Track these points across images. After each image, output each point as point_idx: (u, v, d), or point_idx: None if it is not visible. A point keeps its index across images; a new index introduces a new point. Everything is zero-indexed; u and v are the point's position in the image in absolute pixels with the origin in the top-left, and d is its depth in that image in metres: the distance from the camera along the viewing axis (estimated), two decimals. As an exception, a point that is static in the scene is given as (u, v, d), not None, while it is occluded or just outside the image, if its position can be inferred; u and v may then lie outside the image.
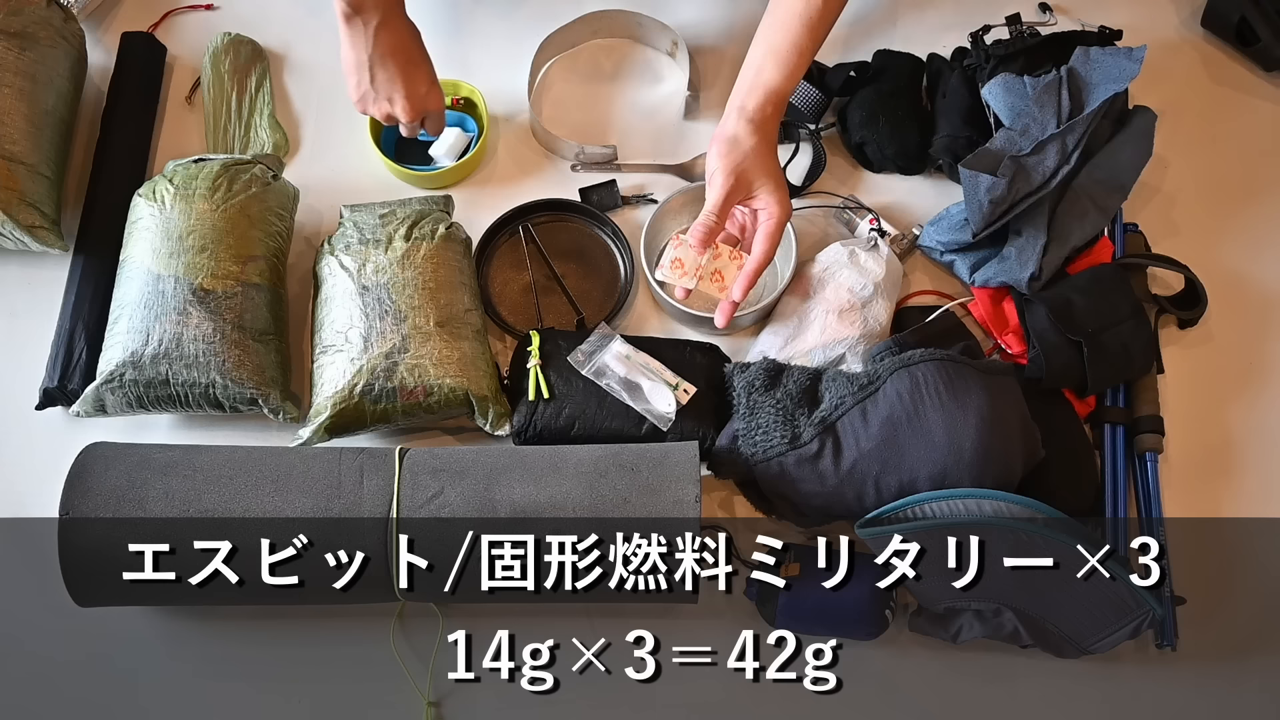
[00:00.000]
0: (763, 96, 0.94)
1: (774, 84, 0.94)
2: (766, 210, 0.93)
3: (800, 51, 0.94)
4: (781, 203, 0.93)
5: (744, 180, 0.92)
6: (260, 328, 0.95)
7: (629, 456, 0.86)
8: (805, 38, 0.94)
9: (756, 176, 0.93)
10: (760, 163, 0.92)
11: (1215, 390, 1.02)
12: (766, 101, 0.93)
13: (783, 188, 0.94)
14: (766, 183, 0.93)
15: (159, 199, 0.97)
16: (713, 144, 0.94)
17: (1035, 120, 0.99)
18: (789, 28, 0.95)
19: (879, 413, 0.87)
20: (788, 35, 0.95)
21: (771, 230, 0.92)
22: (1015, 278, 0.96)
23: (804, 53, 0.94)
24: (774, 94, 0.94)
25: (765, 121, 0.93)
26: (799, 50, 0.94)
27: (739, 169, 0.92)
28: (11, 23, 1.03)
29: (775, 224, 0.92)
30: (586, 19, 1.17)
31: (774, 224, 0.92)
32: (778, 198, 0.93)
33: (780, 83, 0.94)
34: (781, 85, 0.94)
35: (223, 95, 1.14)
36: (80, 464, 0.84)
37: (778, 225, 0.93)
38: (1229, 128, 1.15)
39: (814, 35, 0.94)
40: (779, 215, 0.93)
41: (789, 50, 0.94)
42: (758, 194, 0.93)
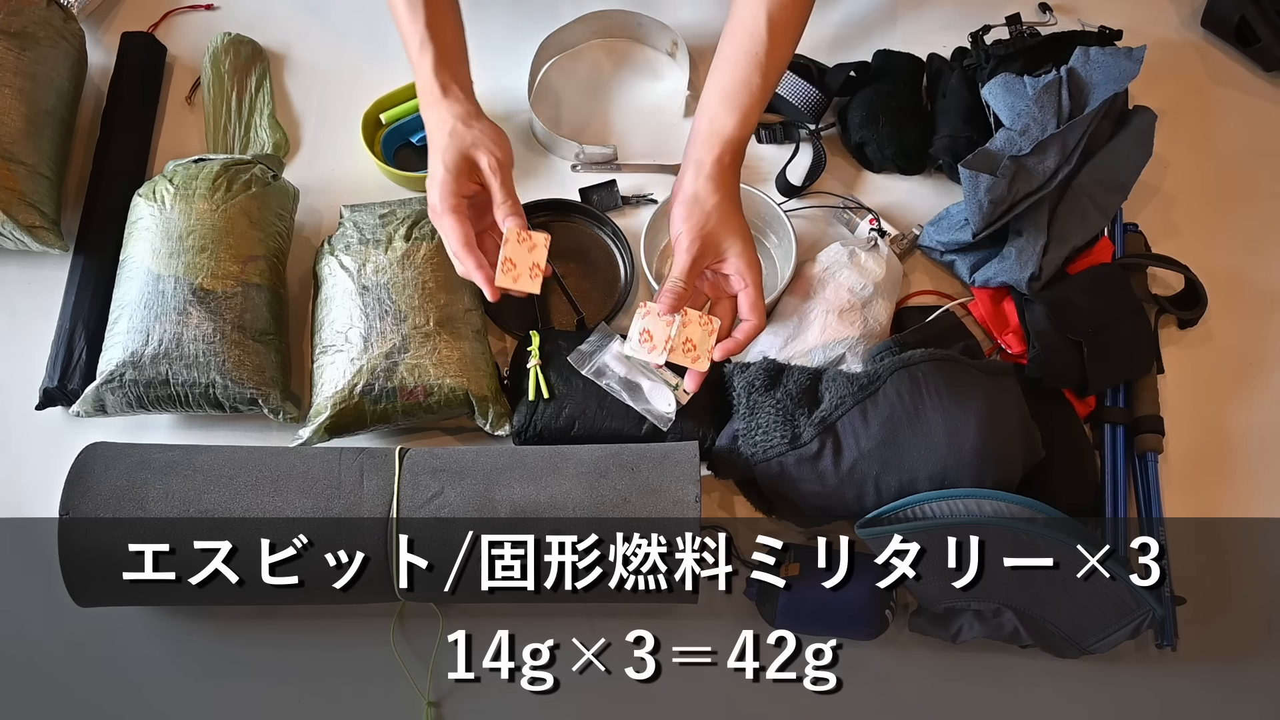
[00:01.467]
0: (719, 147, 0.90)
1: (728, 131, 0.90)
2: (740, 276, 0.89)
3: (751, 91, 0.91)
4: (752, 265, 0.89)
5: (711, 243, 0.89)
6: (260, 328, 0.95)
7: (629, 456, 0.86)
8: (755, 75, 0.91)
9: (724, 237, 0.89)
10: (725, 222, 0.89)
11: (1215, 390, 1.02)
12: (724, 152, 0.90)
13: (750, 246, 0.90)
14: (734, 243, 0.89)
15: (159, 199, 0.97)
16: (674, 204, 0.90)
17: (1035, 120, 0.99)
18: (738, 67, 0.92)
19: (879, 413, 0.87)
20: (736, 75, 0.92)
21: (754, 299, 0.89)
22: (1015, 278, 0.96)
23: (755, 91, 0.91)
24: (730, 142, 0.90)
25: (724, 173, 0.90)
26: (749, 90, 0.91)
27: (704, 232, 0.88)
28: (11, 23, 1.03)
29: (756, 290, 0.89)
30: (586, 19, 1.17)
31: (754, 291, 0.89)
32: (747, 260, 0.89)
33: (734, 129, 0.90)
34: (735, 131, 0.90)
35: (223, 95, 1.14)
36: (80, 464, 0.84)
37: (758, 290, 0.89)
38: (1229, 128, 1.15)
39: (765, 73, 0.91)
40: (753, 279, 0.89)
41: (739, 91, 0.91)
42: (727, 256, 0.90)
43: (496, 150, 0.90)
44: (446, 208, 0.89)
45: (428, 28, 0.93)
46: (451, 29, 0.95)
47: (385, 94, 1.11)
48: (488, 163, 0.89)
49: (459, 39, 0.96)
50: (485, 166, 0.89)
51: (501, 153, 0.90)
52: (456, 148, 0.89)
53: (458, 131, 0.90)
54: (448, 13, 0.96)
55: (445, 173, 0.89)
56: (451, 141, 0.89)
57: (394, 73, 1.14)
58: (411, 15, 0.93)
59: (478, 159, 0.90)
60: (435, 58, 0.92)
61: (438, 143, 0.90)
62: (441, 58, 0.93)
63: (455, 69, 0.94)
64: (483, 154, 0.89)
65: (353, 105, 1.12)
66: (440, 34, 0.93)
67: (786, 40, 0.94)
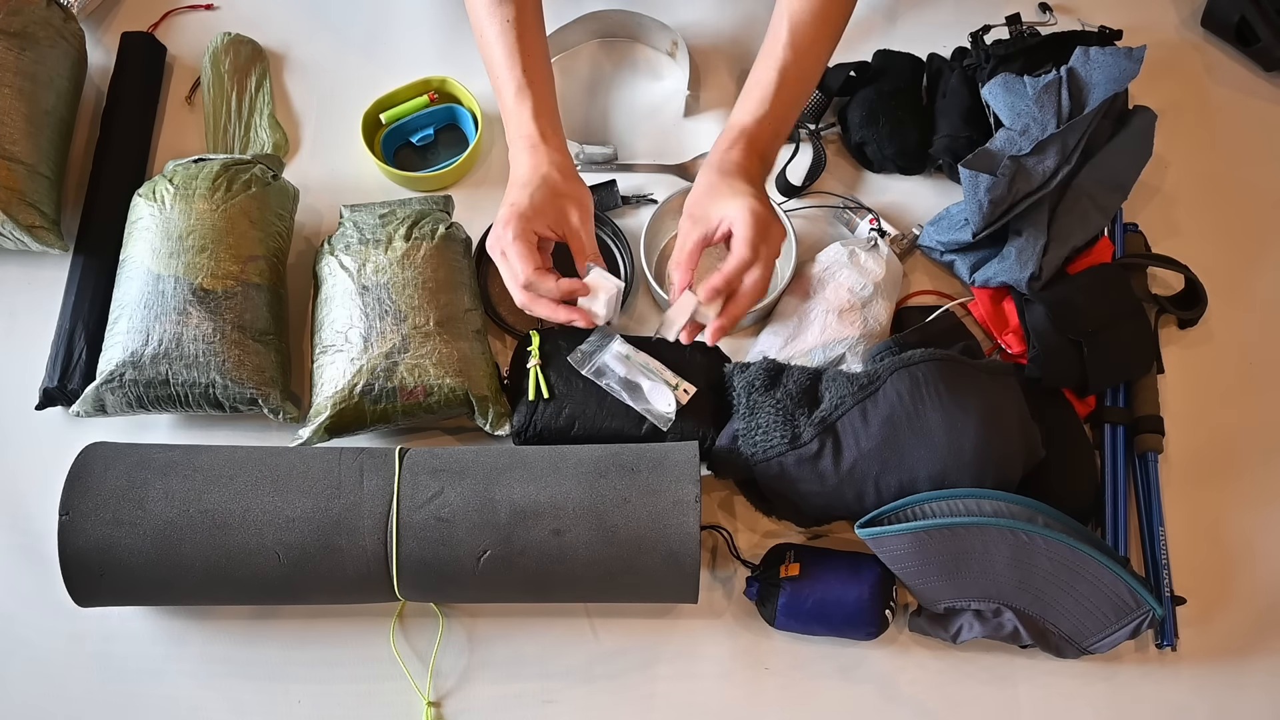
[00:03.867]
0: (728, 137, 0.94)
1: (736, 122, 0.95)
2: (733, 225, 0.88)
3: (763, 87, 0.95)
4: (744, 209, 0.88)
5: (699, 214, 0.90)
6: (260, 328, 0.95)
7: (629, 456, 0.86)
8: (769, 72, 0.95)
9: (710, 206, 0.90)
10: (711, 194, 0.90)
11: (1215, 390, 1.02)
12: (731, 144, 0.93)
13: (748, 204, 0.88)
14: (727, 206, 0.89)
15: (159, 199, 0.97)
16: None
17: (1035, 120, 0.99)
18: (757, 68, 0.97)
19: (879, 413, 0.87)
20: (755, 74, 0.96)
21: (744, 234, 0.87)
22: (1015, 278, 0.96)
23: (769, 88, 0.94)
24: (736, 130, 0.94)
25: (723, 158, 0.92)
26: (761, 86, 0.95)
27: (693, 208, 0.91)
28: (11, 23, 1.03)
29: (745, 228, 0.87)
30: (586, 19, 1.17)
31: (743, 228, 0.87)
32: (739, 205, 0.88)
33: (742, 120, 0.94)
34: (741, 121, 0.94)
35: (223, 95, 1.14)
36: (80, 464, 0.84)
37: (747, 227, 0.87)
38: (1229, 128, 1.15)
39: (784, 77, 0.94)
40: (746, 219, 0.87)
41: (753, 87, 0.96)
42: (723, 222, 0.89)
43: (584, 207, 0.93)
44: (520, 237, 0.90)
45: (524, 73, 0.95)
46: (546, 77, 0.98)
47: (385, 94, 1.11)
48: (578, 218, 0.92)
49: (552, 87, 0.99)
50: (575, 221, 0.92)
51: (586, 210, 0.94)
52: (549, 193, 0.92)
53: (552, 179, 0.92)
54: (542, 60, 0.98)
55: (531, 208, 0.90)
56: (545, 186, 0.92)
57: (394, 73, 1.14)
58: (509, 61, 0.96)
59: (568, 213, 0.92)
60: (534, 105, 0.95)
61: (527, 180, 0.92)
62: (540, 106, 0.95)
63: (552, 118, 0.97)
64: (574, 210, 0.92)
65: (353, 105, 1.12)
66: (537, 81, 0.96)
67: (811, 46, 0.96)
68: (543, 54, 0.99)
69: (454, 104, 1.13)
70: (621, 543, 0.82)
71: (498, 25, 0.96)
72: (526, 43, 0.96)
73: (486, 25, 0.97)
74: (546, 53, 1.00)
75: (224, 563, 0.82)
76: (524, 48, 0.96)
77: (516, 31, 0.95)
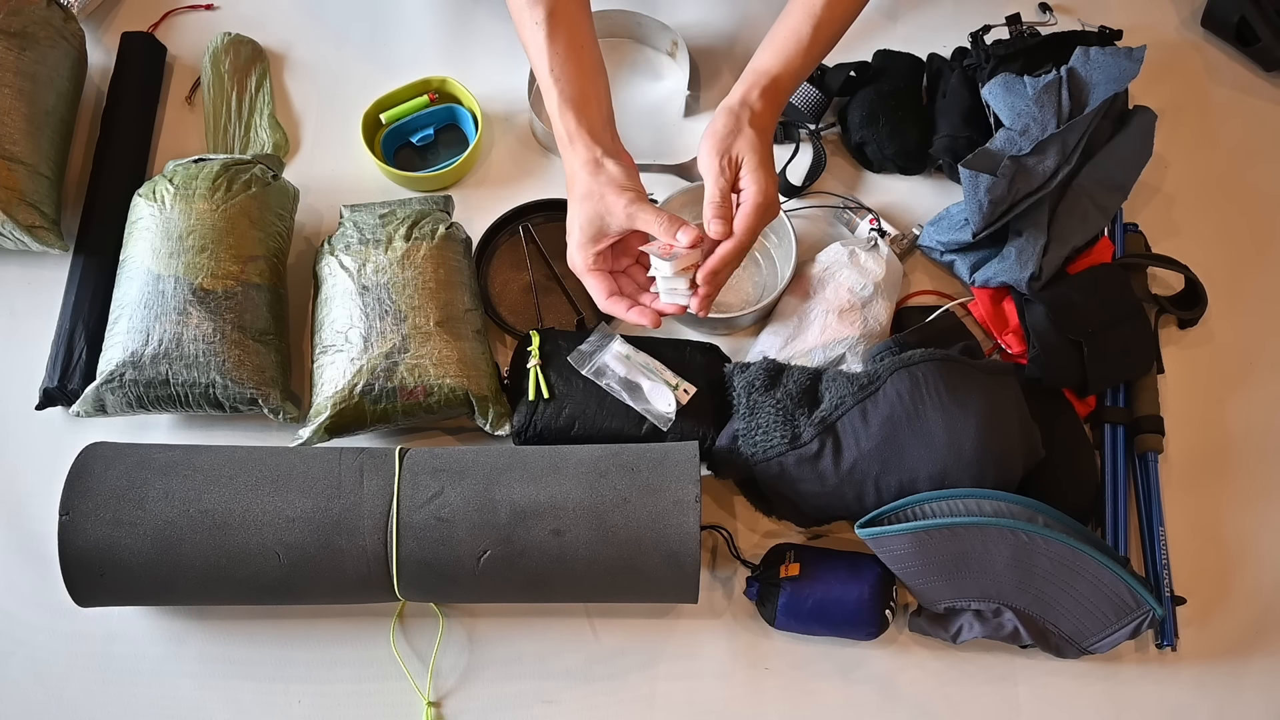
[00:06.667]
0: (749, 80, 0.91)
1: (759, 66, 0.92)
2: (746, 190, 0.88)
3: (799, 37, 0.93)
4: (760, 182, 0.87)
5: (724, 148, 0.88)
6: (260, 328, 0.95)
7: (629, 456, 0.86)
8: (805, 24, 0.93)
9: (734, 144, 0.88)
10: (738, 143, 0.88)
11: (1215, 390, 1.02)
12: (751, 87, 0.91)
13: (765, 167, 0.88)
14: (750, 157, 0.88)
15: (159, 199, 0.97)
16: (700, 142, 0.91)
17: (1035, 120, 0.99)
18: (790, 14, 0.95)
19: (879, 413, 0.87)
20: (786, 23, 0.95)
21: (749, 212, 0.87)
22: (1015, 278, 0.96)
23: (803, 39, 0.93)
24: (760, 76, 0.91)
25: (744, 105, 0.90)
26: (796, 35, 0.93)
27: (717, 153, 0.88)
28: (11, 22, 1.03)
29: (752, 205, 0.87)
30: (586, 19, 1.17)
31: (750, 205, 0.87)
32: (753, 181, 0.87)
33: (768, 63, 0.92)
34: (766, 66, 0.92)
35: (223, 95, 1.14)
36: (80, 464, 0.84)
37: (754, 207, 0.87)
38: (1229, 128, 1.15)
39: (816, 24, 0.93)
40: (755, 197, 0.87)
41: (786, 36, 0.94)
42: (742, 172, 0.88)
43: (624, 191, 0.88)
44: (586, 268, 0.90)
45: (550, 73, 0.92)
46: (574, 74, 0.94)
47: (385, 94, 1.11)
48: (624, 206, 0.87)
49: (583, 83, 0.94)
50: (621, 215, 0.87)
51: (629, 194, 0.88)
52: (593, 204, 0.88)
53: (584, 184, 0.89)
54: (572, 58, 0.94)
55: (584, 235, 0.89)
56: (588, 198, 0.89)
57: (394, 73, 1.14)
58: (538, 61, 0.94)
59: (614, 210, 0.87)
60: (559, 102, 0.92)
61: (572, 193, 0.91)
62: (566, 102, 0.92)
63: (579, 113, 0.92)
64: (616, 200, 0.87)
65: (353, 105, 1.12)
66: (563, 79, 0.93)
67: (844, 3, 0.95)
68: (575, 50, 0.95)
69: (454, 104, 1.13)
70: (621, 543, 0.82)
71: (529, 28, 0.94)
72: (556, 42, 0.93)
73: (520, 26, 0.96)
74: (582, 47, 0.95)
75: (224, 563, 0.82)
76: (552, 47, 0.93)
77: (546, 30, 0.93)
